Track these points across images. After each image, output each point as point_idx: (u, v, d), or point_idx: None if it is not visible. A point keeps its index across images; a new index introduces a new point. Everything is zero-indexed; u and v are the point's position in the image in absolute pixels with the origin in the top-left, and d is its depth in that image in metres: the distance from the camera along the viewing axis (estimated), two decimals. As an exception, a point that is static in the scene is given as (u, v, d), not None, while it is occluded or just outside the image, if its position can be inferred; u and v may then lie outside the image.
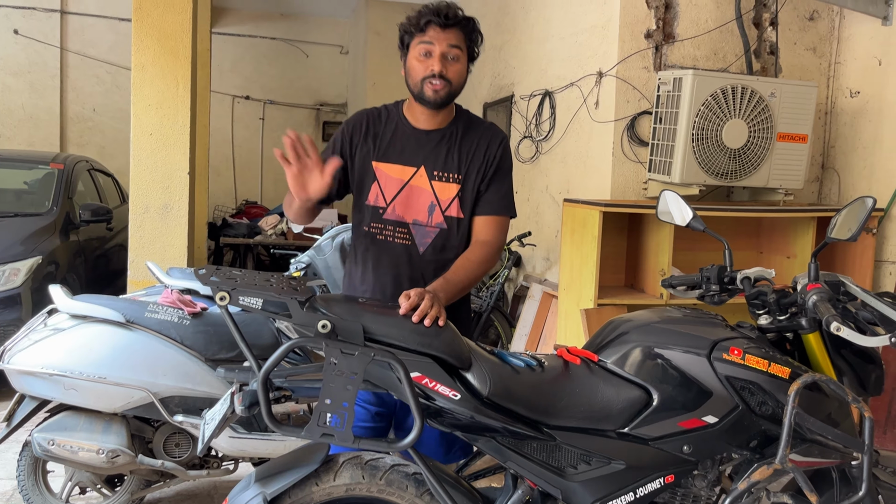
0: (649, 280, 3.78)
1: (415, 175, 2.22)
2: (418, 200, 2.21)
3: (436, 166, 2.22)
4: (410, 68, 2.18)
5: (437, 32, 2.13)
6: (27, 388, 2.79)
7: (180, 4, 5.11)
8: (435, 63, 2.13)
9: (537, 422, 1.73)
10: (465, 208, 2.23)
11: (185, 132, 5.16)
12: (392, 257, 2.23)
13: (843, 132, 4.21)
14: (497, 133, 2.32)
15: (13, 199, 5.84)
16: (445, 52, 2.14)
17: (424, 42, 2.14)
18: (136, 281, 5.05)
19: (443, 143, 2.23)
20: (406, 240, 2.22)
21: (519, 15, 5.56)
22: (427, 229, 2.22)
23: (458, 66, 2.18)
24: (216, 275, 1.63)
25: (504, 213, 2.28)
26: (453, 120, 2.28)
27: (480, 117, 2.37)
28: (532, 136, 5.22)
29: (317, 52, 10.47)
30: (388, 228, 2.22)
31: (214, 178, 9.32)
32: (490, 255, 2.19)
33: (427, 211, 2.22)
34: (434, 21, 2.12)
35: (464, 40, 2.18)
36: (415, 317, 1.71)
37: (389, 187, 2.21)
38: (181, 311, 2.95)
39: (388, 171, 2.21)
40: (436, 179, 2.22)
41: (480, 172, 2.24)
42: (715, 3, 4.09)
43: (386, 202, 2.21)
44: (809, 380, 1.76)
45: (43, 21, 9.01)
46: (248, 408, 1.63)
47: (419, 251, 2.22)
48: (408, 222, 2.22)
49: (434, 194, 2.21)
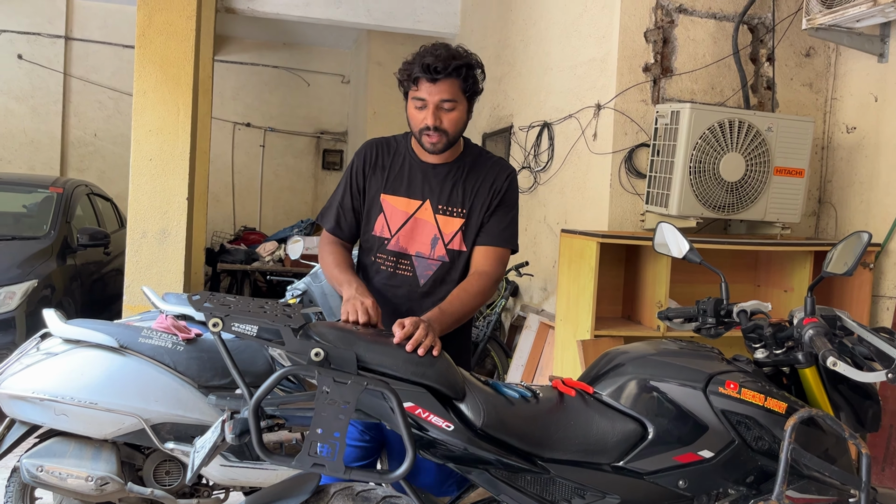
0: (646, 312, 3.77)
1: (420, 208, 2.23)
2: (422, 233, 2.22)
3: (440, 200, 2.22)
4: (410, 116, 2.18)
5: (428, 87, 2.09)
6: (17, 412, 2.76)
7: (183, 33, 5.17)
8: (429, 117, 2.10)
9: (531, 454, 1.71)
10: (468, 242, 2.24)
11: (185, 158, 5.19)
12: (393, 288, 2.24)
13: (839, 167, 4.24)
14: (505, 167, 2.31)
15: (11, 223, 5.85)
16: (438, 104, 2.10)
17: (416, 97, 2.12)
18: (131, 306, 5.04)
19: (449, 178, 2.23)
20: (408, 271, 2.23)
21: (518, 47, 5.62)
22: (429, 262, 2.23)
23: (453, 114, 2.14)
24: (210, 301, 1.63)
25: (504, 245, 2.26)
26: (461, 155, 2.28)
27: (490, 152, 2.37)
28: (530, 166, 5.24)
29: (318, 80, 10.57)
30: (390, 259, 2.24)
31: (213, 204, 9.35)
32: (487, 287, 2.17)
33: (430, 244, 2.22)
34: (423, 77, 2.08)
35: (458, 88, 2.12)
36: (409, 345, 1.70)
37: (395, 219, 2.23)
38: (175, 336, 2.93)
39: (394, 204, 2.23)
40: (440, 213, 2.22)
41: (485, 206, 2.23)
42: (712, 39, 4.14)
43: (390, 233, 2.23)
44: (806, 415, 1.75)
45: (47, 46, 9.10)
46: (238, 436, 1.62)
47: (419, 283, 2.23)
48: (410, 254, 2.23)
49: (438, 228, 2.22)
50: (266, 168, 10.47)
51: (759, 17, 4.22)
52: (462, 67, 2.10)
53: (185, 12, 5.18)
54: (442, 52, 2.08)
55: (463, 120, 2.19)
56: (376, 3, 7.09)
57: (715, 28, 4.15)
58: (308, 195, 10.76)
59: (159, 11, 5.14)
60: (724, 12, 4.17)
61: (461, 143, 2.29)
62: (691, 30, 4.12)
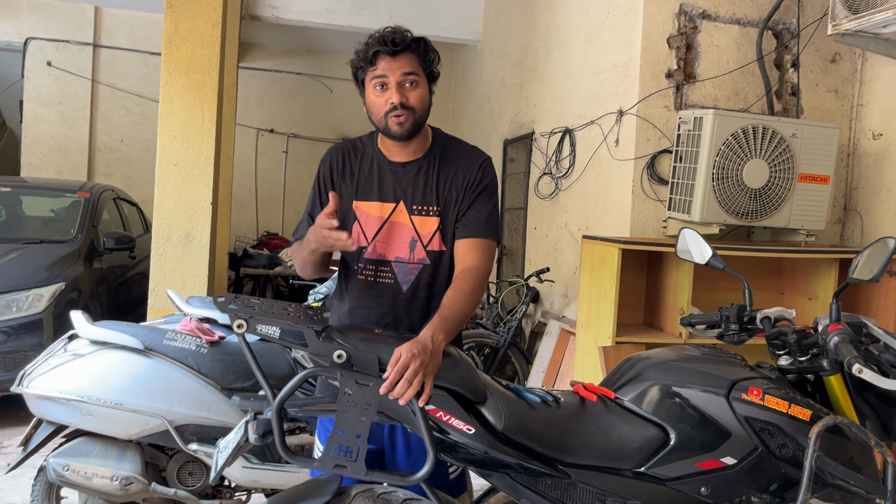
0: (668, 318, 3.75)
1: (394, 211, 2.11)
2: (399, 237, 2.11)
3: (414, 200, 2.10)
4: (370, 104, 2.06)
5: (388, 62, 2.01)
6: (45, 412, 2.80)
7: (209, 40, 5.24)
8: (393, 95, 2.01)
9: (552, 459, 1.71)
10: (446, 241, 2.12)
11: (210, 163, 5.24)
12: (375, 297, 2.12)
13: (865, 174, 4.19)
14: (477, 155, 2.18)
15: (40, 227, 5.95)
16: (401, 80, 2.01)
17: (377, 76, 2.02)
18: (156, 309, 5.10)
19: (420, 175, 2.11)
20: (388, 278, 2.11)
21: (541, 54, 5.63)
22: (409, 266, 2.11)
23: (418, 90, 2.04)
24: (234, 303, 1.65)
25: (488, 236, 2.11)
26: (430, 148, 2.15)
27: (461, 140, 2.24)
28: (552, 172, 5.24)
29: (341, 87, 10.62)
30: (369, 268, 2.12)
31: (237, 209, 9.44)
32: (480, 282, 2.05)
33: (409, 247, 2.11)
34: (382, 51, 2.00)
35: (419, 63, 2.05)
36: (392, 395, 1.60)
37: (370, 225, 2.11)
38: (199, 339, 2.97)
39: (367, 210, 2.11)
40: (415, 214, 2.11)
41: (459, 199, 2.11)
42: (736, 45, 4.12)
43: (367, 241, 2.11)
44: (831, 422, 1.73)
45: (76, 54, 9.25)
46: (261, 437, 1.63)
47: (402, 289, 2.11)
48: (389, 260, 2.11)
49: (415, 229, 2.11)
50: (289, 174, 10.54)
51: (784, 23, 4.19)
52: (420, 41, 2.06)
53: (210, 20, 5.25)
54: (398, 29, 2.05)
55: (427, 99, 2.08)
56: (399, 10, 7.13)
57: (739, 34, 4.13)
58: (330, 201, 10.81)
59: (185, 19, 5.21)
60: (748, 18, 4.14)
61: (429, 134, 2.16)
62: (715, 35, 4.10)
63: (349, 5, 7.10)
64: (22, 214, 6.13)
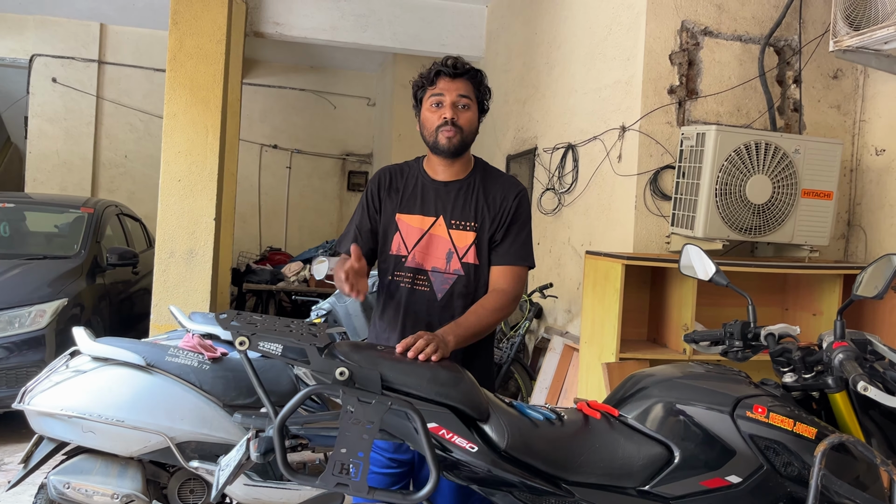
0: (672, 335, 3.73)
1: (434, 224, 2.30)
2: (437, 248, 2.28)
3: (453, 216, 2.29)
4: (424, 120, 2.29)
5: (447, 83, 2.24)
6: (46, 429, 2.80)
7: (213, 56, 5.27)
8: (447, 111, 2.23)
9: (556, 477, 1.70)
10: (481, 255, 2.29)
11: (213, 179, 5.26)
12: (412, 304, 2.29)
13: (869, 189, 4.19)
14: (514, 184, 2.38)
15: (43, 242, 5.96)
16: (455, 101, 2.24)
17: (435, 94, 2.25)
18: (158, 325, 5.09)
19: (461, 194, 2.31)
20: (425, 286, 2.28)
21: (543, 70, 5.65)
22: (445, 276, 2.28)
23: (468, 113, 2.27)
24: (237, 319, 1.64)
25: (519, 263, 2.31)
26: (471, 171, 2.36)
27: (500, 169, 2.49)
28: (555, 188, 5.24)
29: (344, 103, 10.69)
30: (408, 276, 2.29)
31: (240, 225, 9.46)
32: (505, 304, 2.23)
33: (445, 258, 2.29)
34: (444, 71, 2.24)
35: (473, 90, 2.27)
36: (410, 353, 1.77)
37: (410, 236, 2.29)
38: (201, 355, 2.96)
39: (409, 222, 2.30)
40: (454, 228, 2.29)
41: (496, 222, 2.30)
42: (738, 61, 4.13)
43: (407, 251, 2.29)
44: (836, 440, 1.71)
45: (81, 70, 9.31)
46: (263, 454, 1.63)
47: (437, 297, 2.28)
48: (427, 269, 2.28)
49: (452, 242, 2.28)
50: (292, 189, 10.58)
51: (786, 40, 4.21)
52: (478, 72, 2.30)
53: (214, 37, 5.28)
54: (460, 57, 2.31)
55: (476, 123, 2.31)
56: (402, 27, 7.17)
57: (741, 50, 4.14)
58: (333, 216, 10.84)
59: (190, 36, 5.25)
60: (749, 34, 4.16)
61: (471, 160, 2.39)
62: (717, 52, 4.12)
63: (353, 22, 7.15)
64: (25, 230, 6.14)
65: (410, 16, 7.22)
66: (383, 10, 7.17)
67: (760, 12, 4.17)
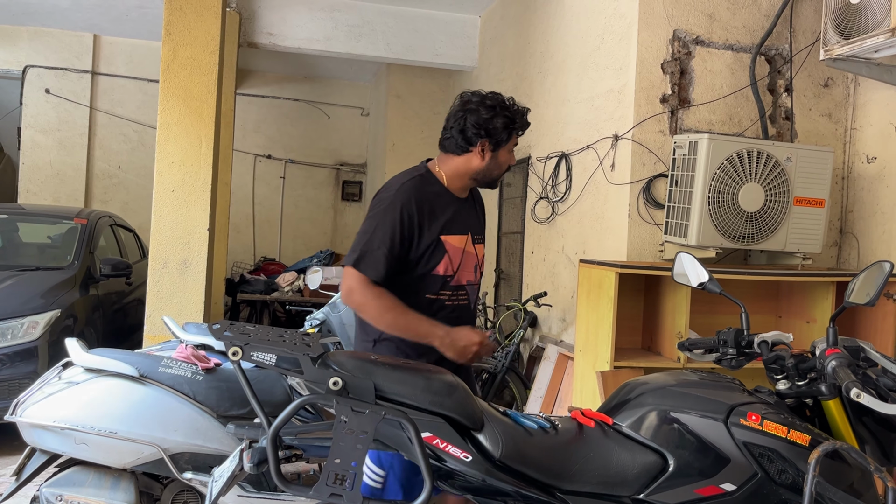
0: (666, 343, 3.74)
1: (467, 242, 2.45)
2: (469, 263, 2.45)
3: (476, 231, 2.50)
4: (503, 160, 2.45)
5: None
6: (38, 441, 2.78)
7: (206, 67, 5.27)
8: (513, 158, 2.50)
9: (550, 486, 1.69)
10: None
11: (207, 189, 5.25)
12: (455, 318, 2.40)
13: (860, 197, 4.21)
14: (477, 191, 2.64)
15: (36, 253, 5.93)
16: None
17: (516, 143, 2.50)
18: (152, 336, 5.07)
19: (472, 209, 2.53)
20: (464, 300, 2.45)
21: (536, 80, 5.67)
22: (474, 287, 2.50)
23: None
24: (230, 330, 1.64)
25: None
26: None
27: None
28: (548, 197, 5.25)
29: (338, 113, 10.70)
30: (454, 293, 2.42)
31: (234, 235, 9.44)
32: None
33: (474, 271, 2.48)
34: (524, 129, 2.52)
35: None
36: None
37: (456, 256, 2.41)
38: (195, 366, 2.95)
39: (453, 242, 2.41)
40: (477, 242, 2.50)
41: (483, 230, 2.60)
42: (730, 70, 4.16)
43: (454, 270, 2.40)
44: (830, 448, 1.72)
45: (74, 81, 9.30)
46: (256, 465, 1.62)
47: (471, 308, 2.50)
48: (464, 284, 2.44)
49: (476, 255, 2.49)
50: (286, 199, 10.57)
51: (777, 48, 4.23)
52: None
53: (208, 47, 5.28)
54: None
55: None
56: (396, 38, 7.20)
57: (732, 59, 4.17)
58: (327, 226, 10.84)
59: (183, 47, 5.25)
60: (740, 44, 4.19)
61: None
62: (708, 61, 4.14)
63: (346, 33, 7.17)
64: (18, 241, 6.11)
65: (404, 26, 7.25)
66: (377, 20, 7.20)
67: (751, 22, 4.20)
